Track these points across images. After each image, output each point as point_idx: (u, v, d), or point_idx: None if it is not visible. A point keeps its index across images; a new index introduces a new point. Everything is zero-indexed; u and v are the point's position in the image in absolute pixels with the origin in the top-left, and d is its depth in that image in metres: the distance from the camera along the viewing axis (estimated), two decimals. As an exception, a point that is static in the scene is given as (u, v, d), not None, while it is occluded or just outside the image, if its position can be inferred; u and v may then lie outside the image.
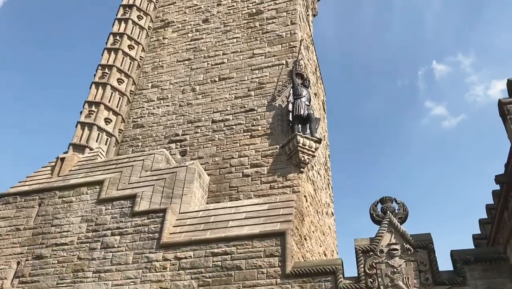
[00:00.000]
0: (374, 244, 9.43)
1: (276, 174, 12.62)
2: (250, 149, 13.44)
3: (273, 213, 10.98)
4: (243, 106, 14.63)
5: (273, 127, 13.74)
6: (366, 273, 9.10)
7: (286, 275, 9.48)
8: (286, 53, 15.50)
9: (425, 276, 8.78)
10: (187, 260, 10.30)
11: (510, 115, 9.39)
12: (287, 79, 14.66)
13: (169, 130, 15.15)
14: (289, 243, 9.90)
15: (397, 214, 9.82)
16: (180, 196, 11.82)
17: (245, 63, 15.84)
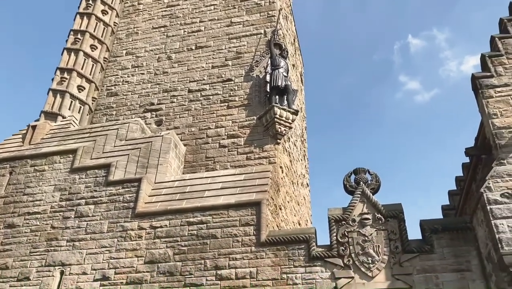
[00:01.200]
0: (346, 213, 9.64)
1: (252, 145, 12.63)
2: (227, 120, 13.36)
3: (249, 184, 11.06)
4: (220, 76, 14.45)
5: (251, 98, 13.66)
6: (338, 241, 9.35)
7: (261, 244, 9.66)
8: (264, 22, 15.26)
9: (395, 244, 9.08)
10: (162, 229, 10.34)
11: (482, 89, 9.59)
12: (265, 49, 14.50)
13: (144, 99, 14.87)
14: (264, 212, 10.03)
15: (369, 185, 10.03)
16: (155, 166, 11.74)
17: (223, 31, 15.55)
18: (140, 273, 9.85)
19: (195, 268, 9.69)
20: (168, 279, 9.67)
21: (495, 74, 9.70)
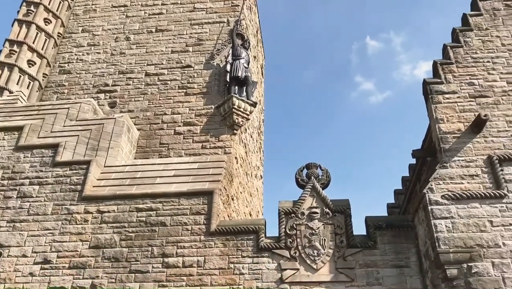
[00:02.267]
0: (296, 206, 9.82)
1: (209, 134, 12.55)
2: (184, 107, 13.18)
3: (203, 173, 11.01)
4: (179, 61, 14.21)
5: (210, 86, 13.54)
6: (287, 233, 9.51)
7: (211, 233, 9.66)
8: (228, 11, 15.13)
9: (340, 238, 9.36)
10: (110, 214, 10.11)
11: (432, 95, 10.00)
12: (227, 38, 14.39)
13: (98, 79, 14.37)
14: (216, 202, 10.02)
15: (320, 180, 10.26)
16: (106, 149, 11.41)
17: (185, 16, 15.27)
18: (84, 258, 9.60)
19: (141, 255, 9.56)
20: (113, 265, 9.48)
21: (445, 81, 10.16)
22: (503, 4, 11.49)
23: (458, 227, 8.23)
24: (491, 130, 9.34)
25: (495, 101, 9.76)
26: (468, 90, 9.97)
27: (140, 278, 9.29)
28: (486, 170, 8.88)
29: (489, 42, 10.74)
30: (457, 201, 8.50)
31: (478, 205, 8.44)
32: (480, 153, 9.09)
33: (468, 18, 11.24)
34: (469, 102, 9.79)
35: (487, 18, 11.22)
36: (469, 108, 9.69)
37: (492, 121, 9.43)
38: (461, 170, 8.93)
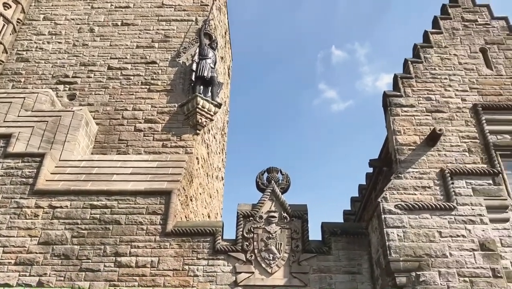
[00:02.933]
0: (255, 210, 9.85)
1: (170, 132, 12.36)
2: (146, 103, 12.93)
3: (162, 172, 10.84)
4: (144, 57, 13.93)
5: (174, 84, 13.35)
6: (244, 236, 9.52)
7: (166, 233, 9.52)
8: (197, 10, 15.00)
9: (296, 243, 9.45)
10: (62, 210, 9.77)
11: (391, 107, 10.30)
12: (195, 37, 14.26)
13: (58, 69, 13.86)
14: (174, 202, 9.89)
15: (280, 184, 10.34)
16: (62, 142, 11.03)
17: (153, 12, 15.01)
18: (32, 254, 9.22)
19: (93, 253, 9.29)
20: (63, 262, 9.16)
21: (404, 95, 10.50)
22: (462, 24, 12.03)
23: (409, 236, 8.51)
24: (445, 144, 9.73)
25: (449, 117, 10.19)
26: (425, 104, 10.36)
27: (90, 277, 9.02)
28: (438, 182, 9.24)
29: (447, 59, 11.20)
30: (410, 211, 8.79)
31: (429, 216, 8.75)
32: (433, 166, 9.45)
33: (429, 35, 11.68)
34: (425, 116, 10.16)
35: (447, 36, 11.71)
36: (425, 122, 10.06)
37: (446, 135, 9.83)
38: (415, 181, 9.25)
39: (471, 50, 11.45)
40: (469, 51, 11.43)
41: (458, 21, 12.12)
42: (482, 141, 9.82)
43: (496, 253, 8.31)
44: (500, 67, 11.15)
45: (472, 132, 9.95)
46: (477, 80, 10.85)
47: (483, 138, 9.85)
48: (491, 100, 10.47)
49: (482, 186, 9.16)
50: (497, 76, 10.97)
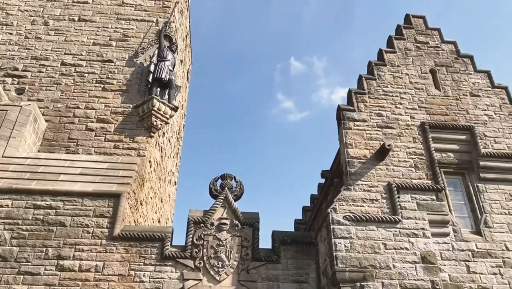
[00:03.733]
0: (206, 216, 9.78)
1: (123, 134, 12.04)
2: (99, 102, 12.54)
3: (112, 174, 10.54)
4: (100, 54, 13.55)
5: (130, 84, 13.04)
6: (194, 243, 9.41)
7: (113, 237, 9.25)
8: (158, 11, 14.80)
9: (246, 251, 9.46)
10: (2, 209, 9.27)
11: (344, 121, 10.58)
12: (155, 38, 14.04)
13: (7, 61, 13.19)
14: (123, 206, 9.64)
15: (233, 191, 10.33)
16: (7, 138, 10.48)
17: (112, 9, 14.65)
18: (-35, 256, 8.67)
19: (34, 255, 8.87)
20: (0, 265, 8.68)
21: (357, 109, 10.84)
22: (415, 45, 12.61)
23: (356, 247, 8.73)
24: (393, 159, 10.11)
25: (398, 133, 10.60)
26: (377, 120, 10.73)
27: (29, 280, 8.60)
28: (385, 195, 9.57)
29: (399, 78, 11.68)
30: (357, 222, 9.04)
31: (375, 228, 9.03)
32: (381, 180, 9.78)
33: (383, 54, 12.15)
34: (376, 131, 10.53)
35: (400, 56, 12.23)
36: (376, 136, 10.42)
37: (395, 151, 10.22)
38: (363, 193, 9.53)
39: (421, 70, 12.01)
40: (420, 71, 11.99)
41: (411, 42, 12.70)
42: (428, 158, 10.29)
43: (436, 266, 8.69)
44: (447, 88, 11.76)
45: (419, 149, 10.40)
46: (425, 99, 11.38)
47: (429, 155, 10.32)
48: (437, 119, 11.00)
49: (426, 201, 9.58)
50: (444, 96, 11.56)
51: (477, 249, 9.27)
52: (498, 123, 11.20)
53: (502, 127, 11.15)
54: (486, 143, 10.74)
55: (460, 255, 9.14)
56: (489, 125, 11.13)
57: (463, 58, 12.58)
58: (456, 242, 9.31)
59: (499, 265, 9.08)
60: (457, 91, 11.73)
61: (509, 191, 10.20)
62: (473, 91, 11.80)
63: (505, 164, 10.45)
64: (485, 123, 11.14)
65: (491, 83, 12.07)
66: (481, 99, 11.66)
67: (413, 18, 13.40)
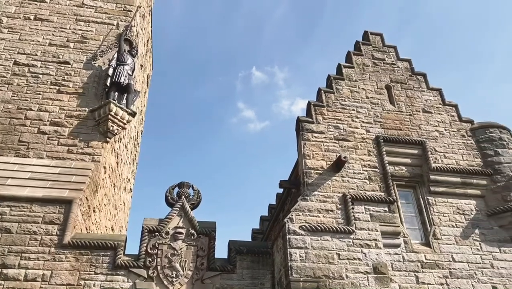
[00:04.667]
0: (162, 225, 9.60)
1: (78, 138, 11.63)
2: (54, 105, 12.09)
3: (64, 179, 10.16)
4: (57, 56, 13.09)
5: (87, 87, 12.66)
6: (147, 252, 9.21)
7: (63, 245, 8.91)
8: (119, 14, 14.51)
9: (201, 261, 9.35)
10: None
11: (303, 132, 10.75)
12: (114, 42, 13.74)
13: (-46, 58, 12.50)
14: (74, 212, 9.31)
15: (190, 200, 10.21)
16: (-50, 138, 9.91)
17: (71, 10, 14.24)
18: None
19: (-25, 264, 8.37)
20: None
21: (315, 121, 11.05)
22: (372, 61, 13.04)
23: (310, 257, 8.84)
24: (348, 171, 10.35)
25: (354, 146, 10.88)
26: (334, 132, 10.98)
27: (-32, 291, 8.10)
28: (340, 206, 9.77)
29: (356, 92, 12.02)
30: (312, 233, 9.16)
31: (329, 238, 9.19)
32: (337, 191, 9.98)
33: (342, 68, 12.48)
34: (333, 143, 10.76)
35: (357, 71, 12.60)
36: (333, 148, 10.65)
37: (350, 163, 10.48)
38: (319, 204, 9.69)
39: (377, 86, 12.43)
40: (376, 86, 12.39)
41: (368, 58, 13.12)
42: (382, 170, 10.61)
43: (387, 276, 8.93)
44: (401, 104, 12.22)
45: (373, 162, 10.71)
46: (381, 114, 11.77)
47: (383, 168, 10.65)
48: (391, 134, 11.39)
49: (379, 212, 9.85)
50: (398, 112, 12.00)
51: (426, 260, 9.60)
52: (448, 139, 11.73)
53: (452, 142, 11.68)
54: (437, 158, 11.21)
55: (410, 266, 9.43)
56: (439, 140, 11.64)
57: (417, 75, 13.13)
58: (407, 253, 9.61)
59: (445, 276, 9.45)
60: (411, 107, 12.21)
61: (456, 204, 10.67)
62: (425, 107, 12.32)
63: (454, 178, 10.94)
64: (436, 139, 11.64)
65: (443, 100, 12.65)
66: (433, 116, 12.18)
67: (371, 35, 13.87)
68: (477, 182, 11.01)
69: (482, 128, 12.06)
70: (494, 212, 10.51)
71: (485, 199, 10.87)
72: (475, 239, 10.13)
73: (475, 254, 9.87)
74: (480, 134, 11.95)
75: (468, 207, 10.66)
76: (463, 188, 10.91)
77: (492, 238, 10.22)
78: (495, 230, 10.36)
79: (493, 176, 11.07)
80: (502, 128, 12.04)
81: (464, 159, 11.41)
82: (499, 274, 9.65)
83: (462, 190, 10.89)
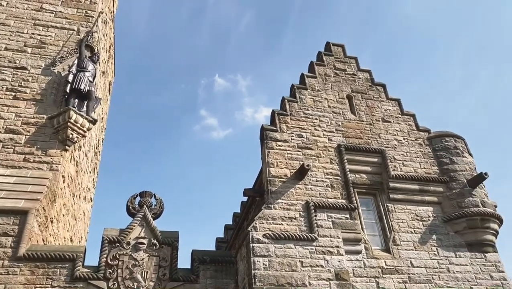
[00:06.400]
0: (122, 235, 9.38)
1: (35, 146, 11.22)
2: (9, 112, 11.62)
3: (20, 189, 9.77)
4: (13, 61, 12.62)
5: (45, 94, 12.25)
6: (108, 263, 8.96)
7: (17, 258, 8.55)
8: (80, 19, 14.18)
9: (163, 271, 9.19)
10: None
11: (267, 140, 10.82)
12: (75, 48, 13.39)
13: None
14: (30, 224, 8.95)
15: (152, 209, 10.04)
16: None
17: (29, 14, 13.79)
18: None
19: None
20: None
21: (279, 130, 11.15)
22: (334, 72, 13.34)
23: (274, 265, 8.86)
24: (311, 179, 10.50)
25: (317, 154, 11.06)
26: (297, 141, 11.12)
27: None
28: (303, 214, 9.87)
29: (319, 102, 12.25)
30: (276, 241, 9.20)
31: (293, 246, 9.26)
32: (300, 198, 10.09)
33: (305, 78, 12.69)
34: (296, 152, 10.89)
35: (320, 81, 12.85)
36: (296, 157, 10.78)
37: (313, 171, 10.63)
38: (283, 212, 9.75)
39: (339, 96, 12.71)
40: (338, 96, 12.67)
41: (330, 68, 13.42)
42: (343, 178, 10.83)
43: (349, 282, 9.07)
44: (362, 113, 12.54)
45: (335, 170, 10.91)
46: (342, 123, 12.03)
47: (344, 175, 10.87)
48: (352, 142, 11.66)
49: (340, 219, 10.03)
50: (359, 121, 12.30)
51: (386, 266, 9.83)
52: (406, 148, 12.12)
53: (410, 151, 12.09)
54: (396, 166, 11.56)
55: (370, 272, 9.63)
56: (398, 149, 12.01)
57: (377, 86, 13.53)
58: (368, 259, 9.81)
59: (405, 281, 9.71)
60: (371, 116, 12.55)
61: (415, 211, 11.02)
62: (385, 117, 12.70)
63: (412, 186, 11.30)
64: (395, 147, 12.01)
65: (401, 110, 13.08)
66: (392, 125, 12.57)
67: (333, 46, 14.20)
68: (434, 189, 11.42)
69: (438, 137, 12.55)
70: (449, 218, 10.93)
71: (442, 206, 11.29)
72: (432, 244, 10.48)
73: (432, 259, 10.20)
74: (437, 143, 12.43)
75: (425, 213, 11.03)
76: (421, 195, 11.29)
77: (448, 243, 10.61)
78: (451, 236, 10.76)
79: (449, 183, 11.52)
80: (457, 137, 12.57)
81: (422, 167, 11.81)
82: (455, 278, 10.01)
83: (420, 197, 11.26)
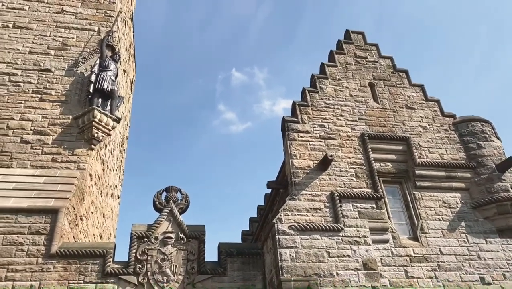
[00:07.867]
0: (150, 230, 9.54)
1: (62, 146, 11.50)
2: (36, 114, 11.93)
3: (50, 188, 10.04)
4: (38, 63, 12.92)
5: (70, 95, 12.53)
6: (137, 258, 9.14)
7: (50, 255, 8.80)
8: (100, 20, 14.39)
9: (191, 265, 9.32)
10: None
11: (289, 132, 10.79)
12: (96, 48, 13.62)
13: None
14: (61, 222, 9.20)
15: (178, 204, 10.17)
16: None
17: (51, 17, 14.07)
18: None
19: (-40, 278, 8.21)
20: None
21: (301, 121, 11.09)
22: (354, 60, 13.15)
23: (301, 256, 8.87)
24: (335, 169, 10.42)
25: (340, 144, 10.96)
26: (319, 131, 11.04)
27: (-46, 307, 7.95)
28: (328, 205, 9.82)
29: (340, 91, 12.11)
30: (302, 232, 9.20)
31: (319, 236, 9.24)
32: (324, 189, 10.04)
33: (325, 67, 12.56)
34: (319, 142, 10.82)
35: (340, 70, 12.69)
36: (319, 147, 10.71)
37: (337, 161, 10.55)
38: (307, 203, 9.73)
39: (361, 84, 12.54)
40: (359, 84, 12.51)
41: (351, 56, 13.24)
42: (368, 167, 10.71)
43: (376, 272, 9.01)
44: (385, 101, 12.35)
45: (359, 159, 10.80)
46: (365, 111, 11.88)
47: (369, 164, 10.75)
48: (376, 131, 11.50)
49: (366, 209, 9.94)
50: (382, 109, 12.12)
51: (414, 255, 9.71)
52: (431, 134, 11.89)
53: (435, 137, 11.85)
54: (421, 153, 11.36)
55: (399, 260, 9.53)
56: (423, 135, 11.79)
57: (399, 72, 13.28)
58: (395, 248, 9.70)
59: (434, 269, 9.57)
60: (394, 103, 12.35)
61: (442, 198, 10.82)
62: (408, 103, 12.47)
63: (438, 172, 11.09)
64: (420, 134, 11.79)
65: (425, 96, 12.82)
66: (416, 111, 12.34)
67: (352, 33, 14.00)
68: (461, 175, 11.18)
69: (464, 122, 12.26)
70: (478, 204, 10.69)
71: (470, 192, 11.05)
72: (461, 231, 10.29)
73: (462, 246, 10.02)
74: (463, 128, 12.14)
75: (453, 200, 10.82)
76: (448, 181, 11.07)
77: (478, 230, 10.39)
78: (481, 222, 10.53)
79: (477, 168, 11.26)
80: (483, 121, 12.26)
81: (448, 153, 11.58)
82: (486, 265, 9.81)
83: (447, 183, 11.05)
